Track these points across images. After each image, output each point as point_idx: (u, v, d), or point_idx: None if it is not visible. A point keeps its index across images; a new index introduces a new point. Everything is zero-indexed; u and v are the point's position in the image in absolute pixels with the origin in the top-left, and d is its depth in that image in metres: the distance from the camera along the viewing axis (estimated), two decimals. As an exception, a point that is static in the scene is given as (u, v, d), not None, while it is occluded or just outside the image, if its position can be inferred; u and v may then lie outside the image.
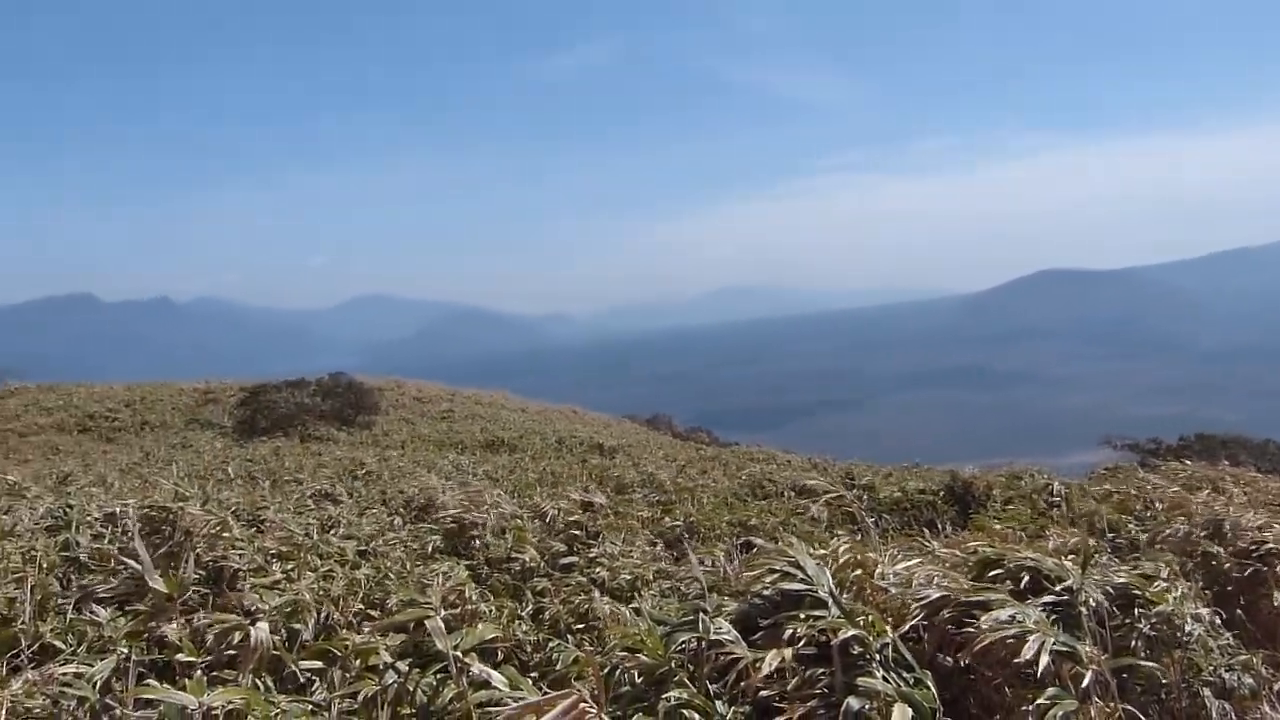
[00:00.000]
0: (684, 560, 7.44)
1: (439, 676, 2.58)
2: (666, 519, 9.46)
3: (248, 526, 5.81)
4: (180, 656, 2.90)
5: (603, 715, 2.23)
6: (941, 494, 11.28)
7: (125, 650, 2.89)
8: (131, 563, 3.15)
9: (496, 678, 2.49)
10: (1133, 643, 3.07)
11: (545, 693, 2.59)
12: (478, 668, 2.50)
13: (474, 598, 4.04)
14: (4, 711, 2.56)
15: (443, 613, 4.10)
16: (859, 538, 5.25)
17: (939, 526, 9.78)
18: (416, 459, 17.95)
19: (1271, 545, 5.61)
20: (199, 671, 2.76)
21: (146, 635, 3.06)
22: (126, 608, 3.27)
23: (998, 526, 6.02)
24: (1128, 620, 3.08)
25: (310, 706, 2.71)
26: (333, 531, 6.78)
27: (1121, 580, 3.11)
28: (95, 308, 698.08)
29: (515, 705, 2.26)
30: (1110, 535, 6.53)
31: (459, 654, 2.50)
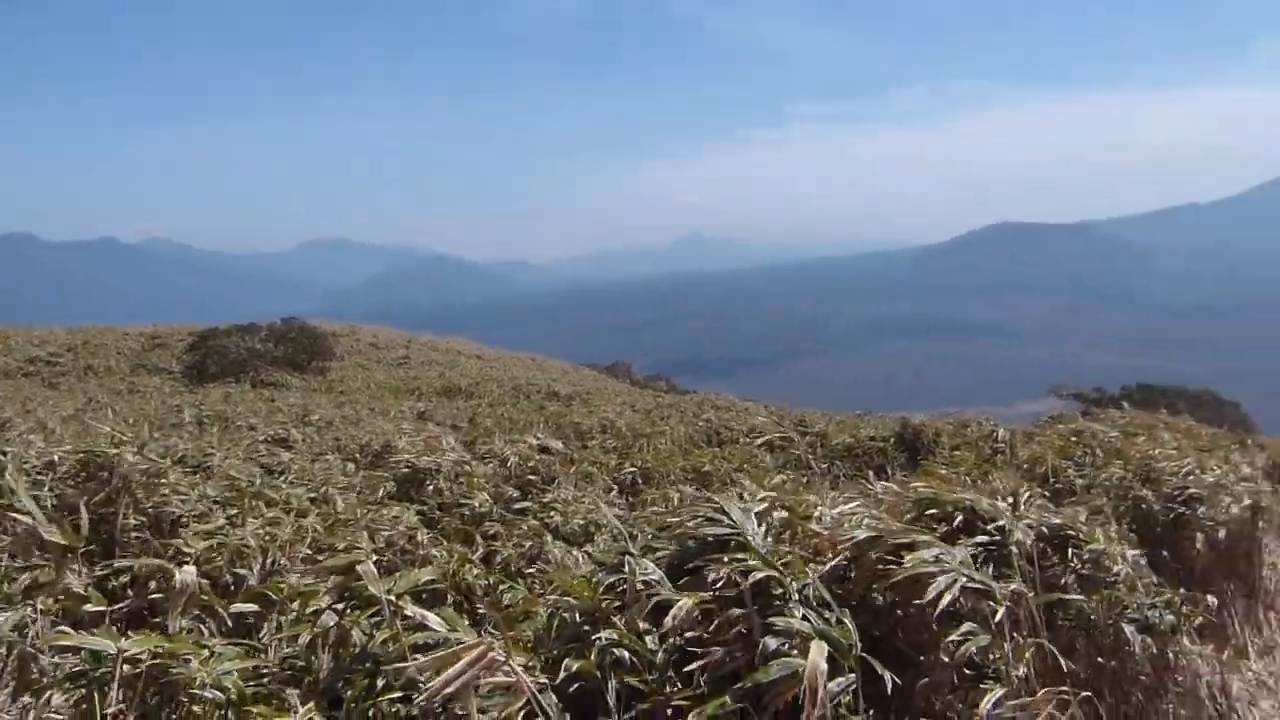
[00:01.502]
0: (639, 505, 7.55)
1: (375, 620, 2.62)
2: (624, 465, 9.56)
3: (194, 473, 5.78)
4: (88, 607, 2.88)
5: (512, 662, 2.28)
6: (892, 441, 11.48)
7: (30, 602, 2.86)
8: (22, 518, 3.03)
9: (433, 619, 2.53)
10: (1064, 580, 3.19)
11: (486, 634, 2.64)
12: (411, 610, 2.54)
13: (424, 542, 4.08)
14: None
15: (388, 556, 4.16)
16: (806, 482, 5.36)
17: (889, 472, 9.98)
18: (372, 405, 17.90)
19: (1195, 490, 5.83)
20: (108, 619, 2.75)
21: (50, 586, 3.01)
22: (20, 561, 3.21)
23: (943, 471, 6.14)
24: (1060, 559, 3.21)
25: (249, 649, 2.74)
26: (283, 478, 6.77)
27: (1056, 521, 3.23)
28: (34, 247, 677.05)
29: (438, 654, 2.31)
30: (1051, 480, 6.70)
31: (392, 598, 2.54)
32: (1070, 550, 3.20)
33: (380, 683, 2.42)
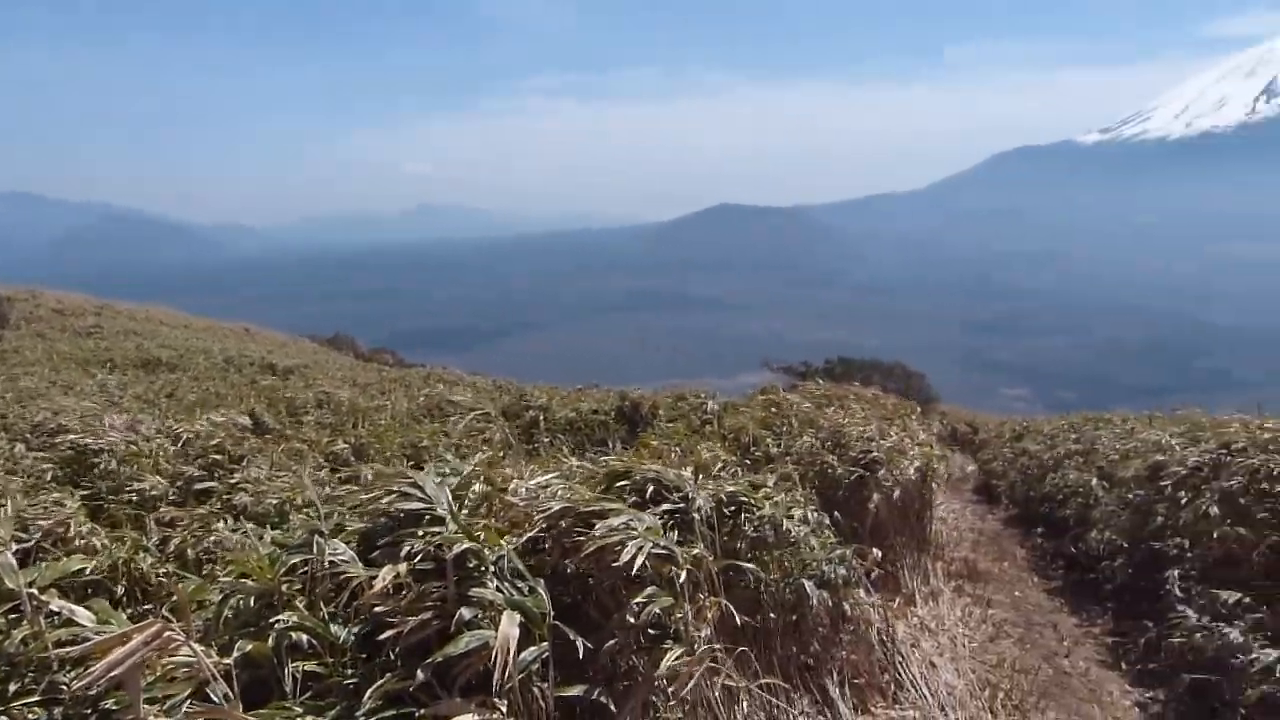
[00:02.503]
0: (351, 483, 7.27)
1: (12, 617, 2.33)
2: (337, 441, 9.19)
3: None
4: None
5: (191, 643, 2.12)
6: (613, 414, 11.79)
7: None
8: None
9: (81, 613, 2.28)
10: (739, 544, 3.41)
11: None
12: (57, 604, 2.28)
13: (84, 530, 3.69)
14: None
15: (43, 547, 3.73)
16: (503, 456, 5.35)
17: (610, 444, 10.22)
18: (53, 379, 16.10)
19: (875, 454, 6.41)
20: None
21: None
22: None
23: (655, 443, 6.34)
24: (736, 524, 3.43)
25: None
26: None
27: (732, 489, 3.44)
28: None
29: (95, 640, 2.09)
30: (751, 449, 7.10)
31: (34, 590, 2.27)
32: (744, 516, 3.42)
33: (14, 687, 2.15)
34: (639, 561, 2.64)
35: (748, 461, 6.59)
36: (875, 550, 5.03)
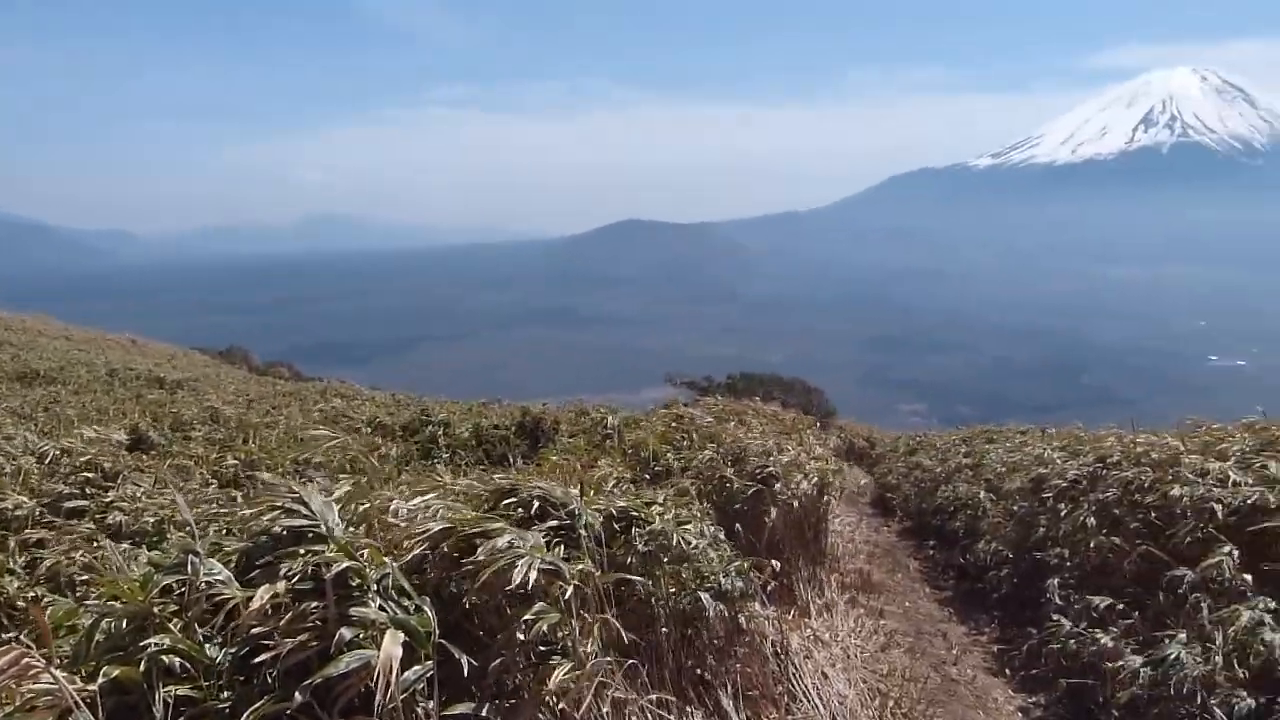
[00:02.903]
0: (242, 500, 7.05)
1: None
2: (226, 457, 8.92)
3: None
4: None
5: (52, 669, 2.02)
6: (514, 429, 11.70)
7: None
8: None
9: (-71, 641, 2.16)
10: (630, 559, 3.42)
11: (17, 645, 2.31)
12: (-97, 632, 2.16)
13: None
14: None
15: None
16: (388, 476, 5.28)
17: (511, 460, 10.13)
18: (-82, 393, 15.20)
19: (771, 469, 6.51)
20: None
21: None
22: None
23: (554, 458, 6.32)
24: (627, 539, 3.44)
25: None
26: None
27: (623, 504, 3.45)
28: None
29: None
30: (652, 464, 7.13)
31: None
32: (634, 530, 3.43)
33: None
34: (532, 578, 2.62)
35: (648, 476, 6.61)
36: (773, 562, 5.09)
